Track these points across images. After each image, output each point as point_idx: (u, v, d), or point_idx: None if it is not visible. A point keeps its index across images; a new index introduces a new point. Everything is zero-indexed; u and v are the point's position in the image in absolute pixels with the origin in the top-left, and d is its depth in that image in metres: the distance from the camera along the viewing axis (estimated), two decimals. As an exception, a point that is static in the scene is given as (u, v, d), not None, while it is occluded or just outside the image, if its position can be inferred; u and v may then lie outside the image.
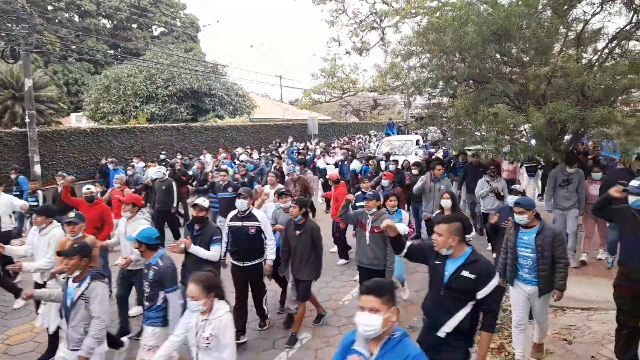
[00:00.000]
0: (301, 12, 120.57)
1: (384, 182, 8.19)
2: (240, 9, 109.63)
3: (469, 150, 12.36)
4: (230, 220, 5.61)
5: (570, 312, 5.74)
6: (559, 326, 5.39)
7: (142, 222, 5.47)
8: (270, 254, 5.57)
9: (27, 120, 14.32)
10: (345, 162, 12.84)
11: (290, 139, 22.50)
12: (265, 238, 5.55)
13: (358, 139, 25.35)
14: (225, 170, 9.44)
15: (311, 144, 21.80)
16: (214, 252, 5.03)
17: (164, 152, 17.77)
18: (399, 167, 10.69)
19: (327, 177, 11.08)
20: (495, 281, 3.14)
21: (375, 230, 5.27)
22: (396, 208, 6.29)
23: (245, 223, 5.50)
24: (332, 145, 21.04)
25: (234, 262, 5.58)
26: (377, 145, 20.28)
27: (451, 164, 11.32)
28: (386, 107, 45.41)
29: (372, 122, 36.29)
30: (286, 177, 10.30)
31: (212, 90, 25.02)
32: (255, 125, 24.92)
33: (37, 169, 14.34)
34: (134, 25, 39.66)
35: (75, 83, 34.28)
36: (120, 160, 16.24)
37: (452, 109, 9.44)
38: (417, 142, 18.23)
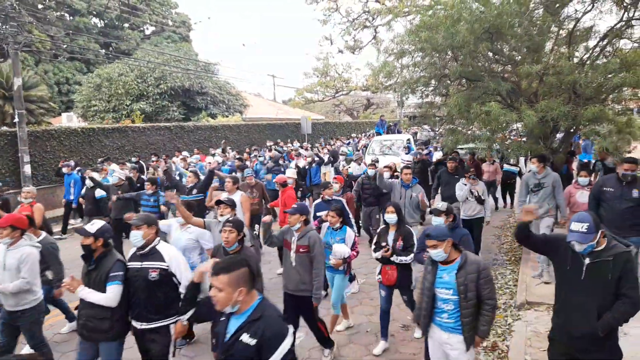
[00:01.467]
0: (294, 11, 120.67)
1: (335, 187, 7.41)
2: (233, 4, 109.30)
3: (462, 149, 12.40)
4: (129, 261, 4.04)
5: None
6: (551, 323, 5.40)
7: (27, 250, 4.36)
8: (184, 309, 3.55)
9: (16, 119, 14.16)
10: (314, 165, 11.77)
11: (269, 143, 20.65)
12: (179, 284, 4.00)
13: (336, 141, 23.71)
14: (195, 172, 8.77)
15: (291, 145, 21.07)
16: (109, 295, 3.74)
17: (136, 153, 16.87)
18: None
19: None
20: (287, 344, 2.36)
21: (302, 250, 4.65)
22: (339, 225, 5.34)
23: (145, 264, 3.93)
24: (305, 146, 20.06)
25: (132, 323, 3.99)
26: (354, 146, 19.76)
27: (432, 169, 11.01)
28: (379, 106, 45.47)
29: (365, 121, 36.27)
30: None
31: (204, 88, 24.92)
32: (248, 125, 24.83)
33: (27, 169, 14.18)
34: (125, 25, 39.39)
35: (67, 82, 34.00)
36: (114, 160, 16.11)
37: (445, 107, 9.46)
38: (408, 142, 17.78)
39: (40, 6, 33.14)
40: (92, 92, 24.16)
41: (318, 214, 6.43)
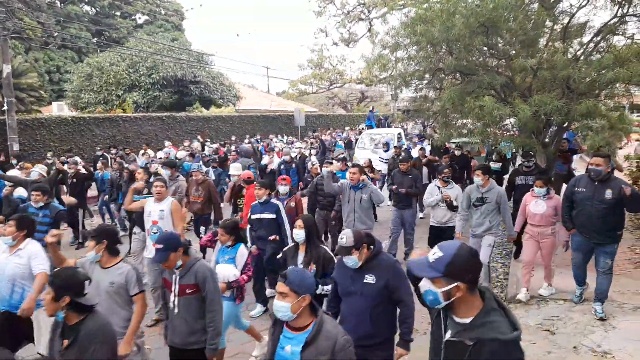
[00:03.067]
0: (289, 1, 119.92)
1: (281, 188, 6.65)
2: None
3: (455, 142, 12.42)
4: None
5: (553, 302, 5.81)
6: (541, 317, 5.45)
7: None
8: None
9: (5, 107, 13.99)
10: (293, 165, 10.86)
11: (247, 138, 19.88)
12: None
13: (328, 133, 22.82)
14: (146, 168, 7.78)
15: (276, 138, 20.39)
16: None
17: (99, 147, 15.66)
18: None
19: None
20: None
21: (188, 291, 3.47)
22: (231, 242, 4.51)
23: None
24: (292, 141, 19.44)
25: None
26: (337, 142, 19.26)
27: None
28: (373, 100, 45.43)
29: (359, 114, 36.23)
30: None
31: (197, 77, 24.75)
32: (241, 116, 24.74)
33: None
34: (117, 13, 38.93)
35: (58, 71, 33.61)
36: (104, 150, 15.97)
37: (439, 101, 9.46)
38: (399, 136, 17.39)
39: (30, -8, 32.61)
40: (82, 82, 23.91)
41: (253, 216, 5.81)
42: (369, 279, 3.27)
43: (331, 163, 8.17)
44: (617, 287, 6.03)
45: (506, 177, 8.67)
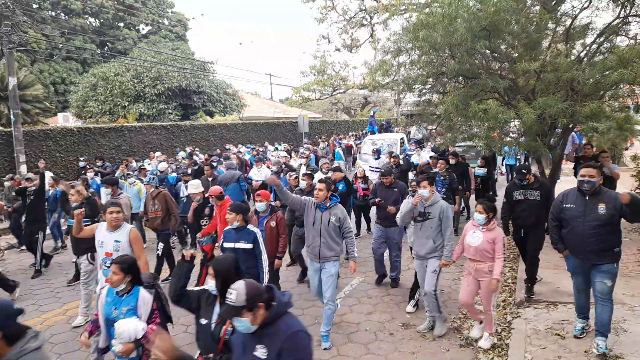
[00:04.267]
0: (290, 9, 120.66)
1: (258, 206, 5.75)
2: (228, 4, 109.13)
3: (460, 146, 12.38)
4: None
5: (563, 307, 5.75)
6: (551, 321, 5.40)
7: None
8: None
9: (12, 119, 14.10)
10: (282, 175, 9.89)
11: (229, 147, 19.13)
12: None
13: (322, 140, 22.23)
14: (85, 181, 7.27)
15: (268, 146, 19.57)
16: None
17: (82, 159, 15.22)
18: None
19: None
20: None
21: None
22: (126, 285, 3.56)
23: None
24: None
25: None
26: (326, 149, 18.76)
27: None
28: (377, 105, 45.43)
29: (363, 119, 36.24)
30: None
31: (201, 87, 24.88)
32: (245, 124, 24.80)
33: (23, 169, 14.12)
34: (121, 24, 39.28)
35: (62, 82, 33.92)
36: (109, 159, 16.06)
37: (443, 105, 9.44)
38: (401, 141, 16.99)
39: (35, 6, 32.99)
40: (87, 92, 24.08)
41: (226, 245, 4.94)
42: (260, 352, 2.43)
43: (311, 175, 7.50)
44: (627, 289, 5.98)
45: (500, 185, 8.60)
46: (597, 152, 8.61)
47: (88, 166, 13.78)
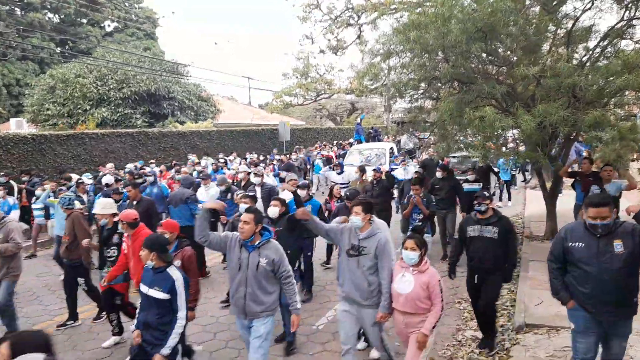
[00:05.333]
0: (270, 8, 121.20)
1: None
2: (202, 2, 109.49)
3: (454, 157, 12.47)
4: None
5: (565, 332, 5.77)
6: (552, 348, 5.42)
7: None
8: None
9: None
10: (228, 196, 9.16)
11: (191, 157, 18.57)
12: None
13: (300, 151, 21.86)
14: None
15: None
16: None
17: (3, 173, 13.70)
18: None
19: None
20: None
21: None
22: None
23: None
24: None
25: None
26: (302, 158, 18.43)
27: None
28: (365, 111, 45.80)
29: (350, 127, 36.44)
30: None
31: (172, 92, 24.75)
32: (220, 131, 24.69)
33: (-31, 181, 13.79)
34: (84, 20, 39.02)
35: (17, 84, 33.42)
36: (68, 170, 15.79)
37: (436, 112, 9.53)
38: (391, 151, 17.01)
39: (-13, -1, 32.62)
40: (45, 95, 23.75)
41: (141, 288, 4.46)
42: None
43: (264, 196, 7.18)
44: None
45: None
46: (598, 167, 8.54)
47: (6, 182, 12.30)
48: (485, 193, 5.50)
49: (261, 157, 20.12)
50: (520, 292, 7.09)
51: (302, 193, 7.60)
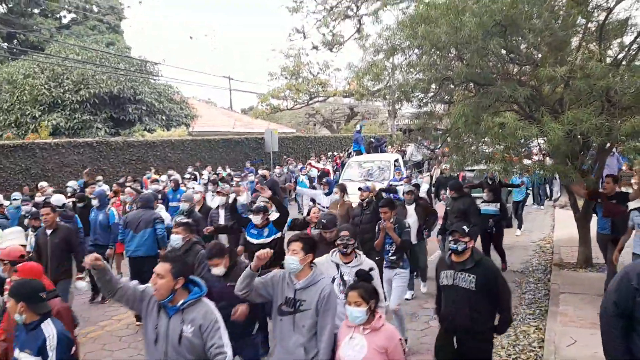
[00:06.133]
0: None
1: None
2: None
3: (471, 170, 12.53)
4: None
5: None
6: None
7: None
8: None
9: None
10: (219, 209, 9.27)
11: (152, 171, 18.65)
12: None
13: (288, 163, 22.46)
14: None
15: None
16: None
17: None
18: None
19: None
20: None
21: None
22: None
23: None
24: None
25: None
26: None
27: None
28: (366, 117, 46.02)
29: (347, 135, 36.61)
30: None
31: (139, 95, 24.79)
32: (196, 140, 24.73)
33: None
34: (36, 11, 39.11)
35: (-46, 85, 33.39)
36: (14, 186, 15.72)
37: (448, 118, 9.60)
38: (397, 164, 16.94)
39: None
40: (-14, 100, 23.73)
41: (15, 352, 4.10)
42: None
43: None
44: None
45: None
46: (619, 188, 8.19)
47: None
48: (465, 227, 4.71)
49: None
50: (549, 330, 7.11)
51: (256, 219, 7.13)
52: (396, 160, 17.41)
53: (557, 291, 8.50)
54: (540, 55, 8.47)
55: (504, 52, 8.64)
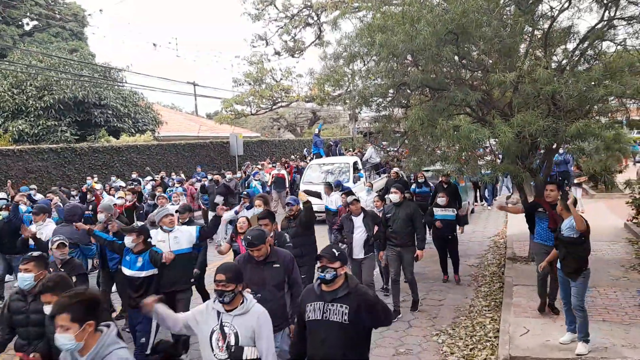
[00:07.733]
0: (219, 5, 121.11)
1: None
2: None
3: (428, 170, 12.73)
4: None
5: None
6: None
7: None
8: None
9: None
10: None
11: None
12: None
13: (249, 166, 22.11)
14: None
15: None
16: None
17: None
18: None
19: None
20: None
21: None
22: None
23: None
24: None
25: None
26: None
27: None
28: (327, 121, 46.19)
29: (311, 139, 36.69)
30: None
31: (104, 100, 24.31)
32: (162, 145, 24.38)
33: None
34: (-2, 18, 38.00)
35: None
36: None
37: (406, 121, 9.73)
38: (355, 166, 17.14)
39: None
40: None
41: None
42: None
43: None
44: (628, 339, 6.26)
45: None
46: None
47: None
48: (334, 250, 3.87)
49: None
50: (504, 321, 7.25)
51: (128, 240, 6.02)
52: (355, 163, 17.55)
53: (510, 284, 8.69)
54: (490, 62, 8.65)
55: (456, 58, 8.80)
